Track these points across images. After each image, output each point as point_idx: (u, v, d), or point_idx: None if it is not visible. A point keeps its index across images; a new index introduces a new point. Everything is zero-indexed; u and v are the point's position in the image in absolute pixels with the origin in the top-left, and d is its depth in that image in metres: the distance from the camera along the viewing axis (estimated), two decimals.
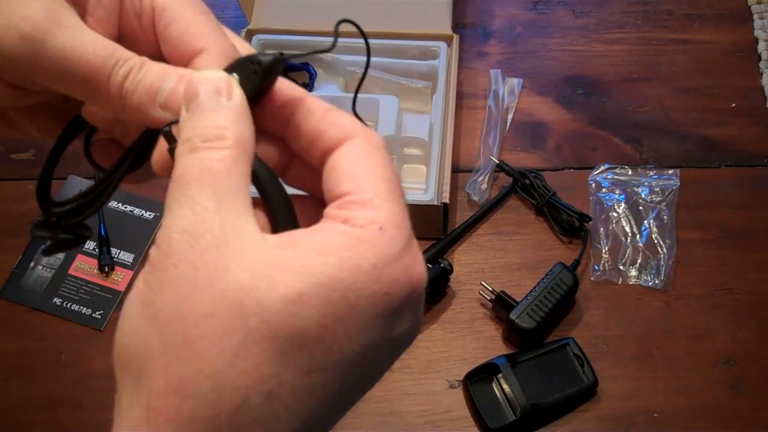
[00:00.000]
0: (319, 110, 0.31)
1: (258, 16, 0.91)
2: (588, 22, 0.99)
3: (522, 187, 0.85)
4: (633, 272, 0.80)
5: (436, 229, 0.81)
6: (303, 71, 0.90)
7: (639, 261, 0.81)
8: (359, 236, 0.27)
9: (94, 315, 0.80)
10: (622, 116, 0.91)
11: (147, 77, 0.31)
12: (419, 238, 0.31)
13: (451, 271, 0.79)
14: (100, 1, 0.32)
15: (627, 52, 0.96)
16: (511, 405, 0.71)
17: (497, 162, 0.86)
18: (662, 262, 0.80)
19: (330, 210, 0.29)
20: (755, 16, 0.98)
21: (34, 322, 0.80)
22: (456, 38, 0.89)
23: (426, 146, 0.84)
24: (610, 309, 0.79)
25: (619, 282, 0.80)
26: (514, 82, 0.93)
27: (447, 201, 0.78)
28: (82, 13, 0.32)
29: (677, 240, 0.82)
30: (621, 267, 0.80)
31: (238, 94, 0.30)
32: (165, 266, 0.26)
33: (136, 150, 0.33)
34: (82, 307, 0.80)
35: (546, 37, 0.98)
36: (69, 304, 0.80)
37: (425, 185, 0.80)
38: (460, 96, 0.90)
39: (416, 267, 0.28)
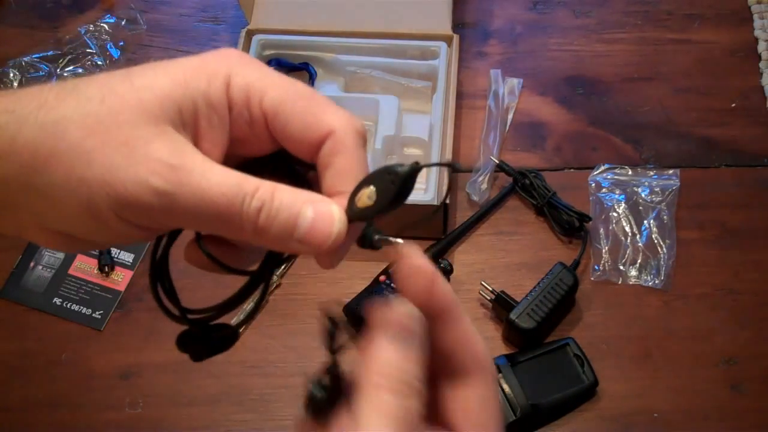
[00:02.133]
0: (467, 333, 0.33)
1: (258, 16, 0.91)
2: (588, 22, 0.99)
3: (522, 187, 0.85)
4: (633, 272, 0.80)
5: (436, 229, 0.81)
6: (303, 71, 0.90)
7: (639, 261, 0.81)
8: None
9: (94, 315, 0.80)
10: (622, 116, 0.91)
11: (281, 213, 0.31)
12: (419, 238, 0.31)
13: (451, 271, 0.78)
14: (210, 122, 0.32)
15: (627, 52, 0.96)
16: (511, 405, 0.71)
17: (497, 162, 0.85)
18: (662, 262, 0.80)
19: None
20: (755, 16, 0.98)
21: (34, 322, 0.80)
22: (456, 38, 0.89)
23: (426, 146, 0.84)
24: (610, 309, 0.79)
25: (619, 282, 0.80)
26: (514, 82, 0.93)
27: (447, 201, 0.78)
28: (196, 140, 0.32)
29: (677, 240, 0.82)
30: (621, 267, 0.80)
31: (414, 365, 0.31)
32: None
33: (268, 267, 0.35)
34: (82, 307, 0.80)
35: (546, 37, 0.98)
36: (69, 304, 0.80)
37: (425, 185, 0.80)
38: (460, 96, 0.90)
39: None
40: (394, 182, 0.31)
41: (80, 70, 0.95)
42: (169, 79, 0.32)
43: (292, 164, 0.35)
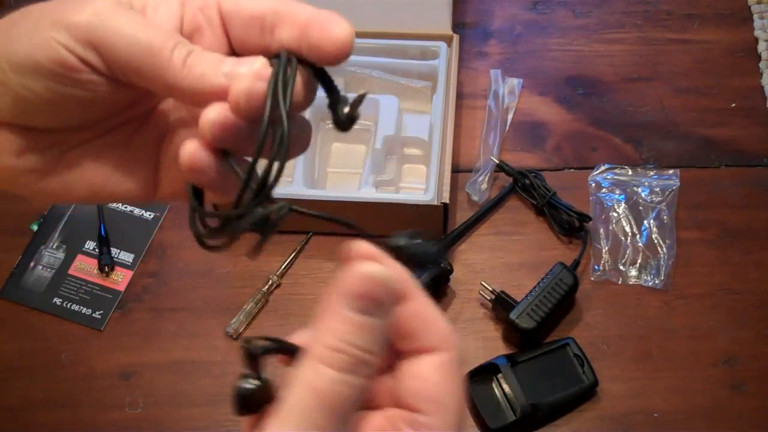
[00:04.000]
0: (427, 310, 0.32)
1: None
2: (588, 22, 0.99)
3: (522, 187, 0.85)
4: (633, 272, 0.80)
5: (436, 229, 0.81)
6: None
7: (639, 261, 0.81)
8: None
9: (94, 315, 0.80)
10: (622, 116, 0.91)
11: (210, 55, 0.32)
12: None
13: (451, 271, 0.78)
14: (157, 10, 0.34)
15: (627, 52, 0.96)
16: (511, 405, 0.71)
17: (497, 162, 0.85)
18: (662, 262, 0.80)
19: (399, 421, 0.31)
20: (755, 16, 0.98)
21: (34, 322, 0.80)
22: (456, 38, 0.89)
23: (426, 146, 0.84)
24: (610, 309, 0.79)
25: (619, 282, 0.80)
26: (514, 82, 0.93)
27: (447, 201, 0.78)
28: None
29: (677, 240, 0.82)
30: (621, 267, 0.80)
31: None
32: None
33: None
34: (82, 307, 0.80)
35: (546, 37, 0.98)
36: (69, 304, 0.80)
37: (425, 185, 0.80)
38: (460, 96, 0.90)
39: None
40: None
41: None
42: None
43: None
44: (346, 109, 0.33)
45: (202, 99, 0.31)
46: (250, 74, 0.31)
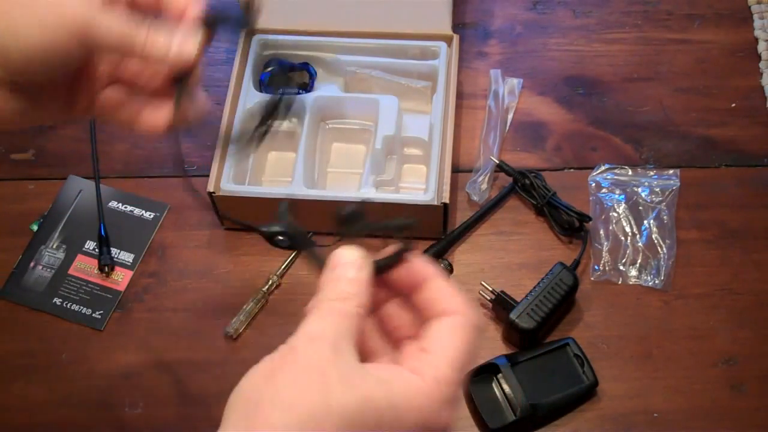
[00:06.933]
0: (444, 286, 0.41)
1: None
2: (588, 22, 0.99)
3: (522, 187, 0.85)
4: (633, 272, 0.80)
5: (436, 229, 0.81)
6: (303, 71, 0.90)
7: (639, 261, 0.81)
8: (420, 387, 0.38)
9: (94, 315, 0.80)
10: (622, 116, 0.91)
11: (159, 38, 0.46)
12: (419, 238, 0.32)
13: (451, 271, 0.79)
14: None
15: (627, 52, 0.96)
16: (511, 405, 0.71)
17: (497, 162, 0.85)
18: (662, 262, 0.80)
19: (408, 356, 0.40)
20: (755, 16, 0.98)
21: (34, 322, 0.80)
22: (456, 38, 0.89)
23: (426, 146, 0.84)
24: (610, 309, 0.79)
25: (619, 282, 0.80)
26: (514, 82, 0.93)
27: (447, 201, 0.78)
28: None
29: (677, 240, 0.82)
30: (621, 267, 0.80)
31: (367, 270, 0.41)
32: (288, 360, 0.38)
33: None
34: (82, 307, 0.80)
35: (546, 37, 0.98)
36: (69, 304, 0.80)
37: (425, 185, 0.80)
38: (460, 96, 0.90)
39: (449, 420, 0.38)
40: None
41: None
42: None
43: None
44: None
45: (165, 63, 0.47)
46: (194, 41, 0.47)
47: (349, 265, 0.41)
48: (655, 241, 0.82)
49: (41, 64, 0.44)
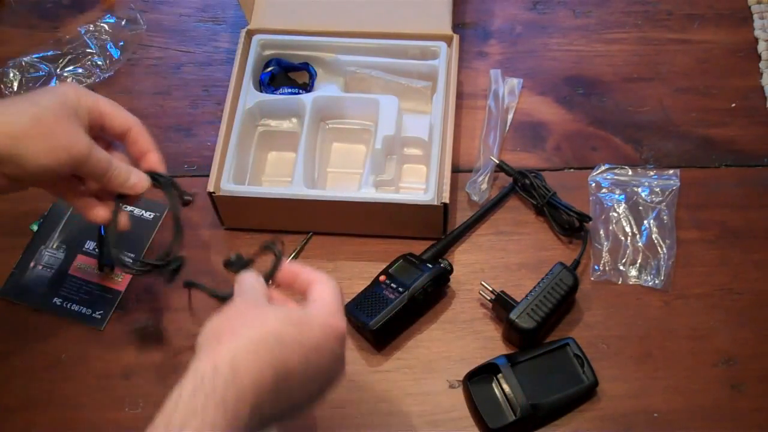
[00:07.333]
0: (308, 270, 0.62)
1: (258, 16, 0.91)
2: (588, 22, 0.99)
3: (522, 187, 0.85)
4: (633, 272, 0.80)
5: (436, 229, 0.81)
6: (303, 71, 0.90)
7: (639, 261, 0.81)
8: (319, 308, 0.58)
9: (94, 315, 0.80)
10: (622, 116, 0.91)
11: (125, 169, 0.68)
12: (419, 238, 0.32)
13: (451, 271, 0.79)
14: (81, 119, 0.66)
15: (627, 52, 0.96)
16: (511, 405, 0.71)
17: (497, 162, 0.86)
18: (662, 262, 0.80)
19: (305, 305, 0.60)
20: (755, 16, 0.98)
21: (34, 322, 0.80)
22: (456, 38, 0.89)
23: (426, 146, 0.84)
24: (610, 309, 0.79)
25: (619, 282, 0.80)
26: (514, 82, 0.93)
27: (447, 201, 0.78)
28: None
29: (677, 240, 0.82)
30: (621, 267, 0.81)
31: (261, 278, 0.61)
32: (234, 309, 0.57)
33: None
34: (82, 307, 0.80)
35: (546, 37, 0.98)
36: (69, 304, 0.80)
37: (425, 185, 0.80)
38: (460, 96, 0.90)
39: (342, 328, 0.58)
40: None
41: (80, 70, 0.95)
42: (58, 98, 0.64)
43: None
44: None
45: (118, 189, 0.68)
46: (143, 185, 0.69)
47: (251, 276, 0.61)
48: (655, 241, 0.82)
49: (42, 176, 0.63)
